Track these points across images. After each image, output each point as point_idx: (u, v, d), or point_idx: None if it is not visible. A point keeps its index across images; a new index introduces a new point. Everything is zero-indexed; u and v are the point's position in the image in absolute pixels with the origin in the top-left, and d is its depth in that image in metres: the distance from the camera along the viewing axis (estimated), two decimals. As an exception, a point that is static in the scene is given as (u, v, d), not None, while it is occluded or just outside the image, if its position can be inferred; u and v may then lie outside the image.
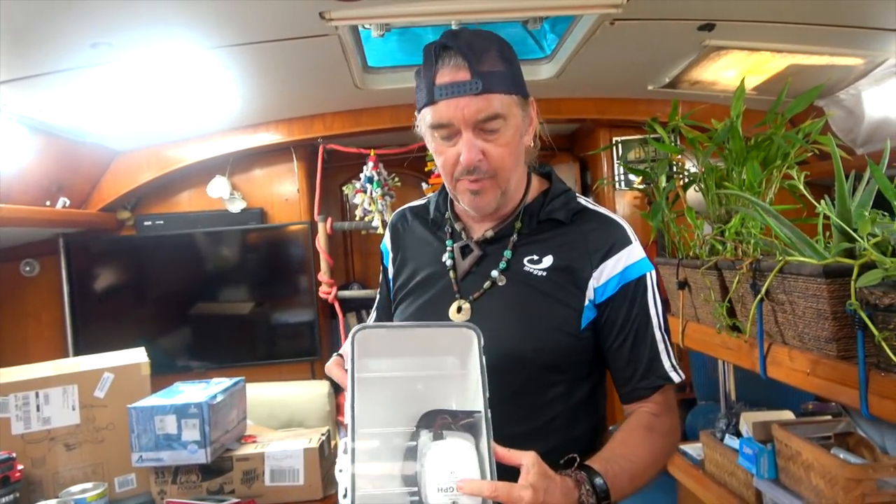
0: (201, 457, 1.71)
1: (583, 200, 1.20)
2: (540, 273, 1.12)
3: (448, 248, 1.21)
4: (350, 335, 0.97)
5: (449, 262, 1.19)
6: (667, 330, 1.14)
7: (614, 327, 1.11)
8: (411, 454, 0.94)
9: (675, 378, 1.12)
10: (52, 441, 1.76)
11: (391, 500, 0.90)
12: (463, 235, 1.21)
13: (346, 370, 0.94)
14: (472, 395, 0.96)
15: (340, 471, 0.92)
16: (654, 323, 1.12)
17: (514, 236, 1.16)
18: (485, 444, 0.90)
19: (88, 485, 1.68)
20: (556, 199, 1.18)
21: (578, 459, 0.99)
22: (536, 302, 1.11)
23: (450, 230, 1.23)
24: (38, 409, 1.76)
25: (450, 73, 1.05)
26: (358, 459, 0.89)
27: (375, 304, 1.39)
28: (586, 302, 1.11)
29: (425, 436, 0.93)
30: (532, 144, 1.16)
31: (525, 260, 1.14)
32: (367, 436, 0.92)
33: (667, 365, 1.12)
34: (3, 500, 1.56)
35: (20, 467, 1.63)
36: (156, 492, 1.76)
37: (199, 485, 1.77)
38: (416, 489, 0.91)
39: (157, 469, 1.76)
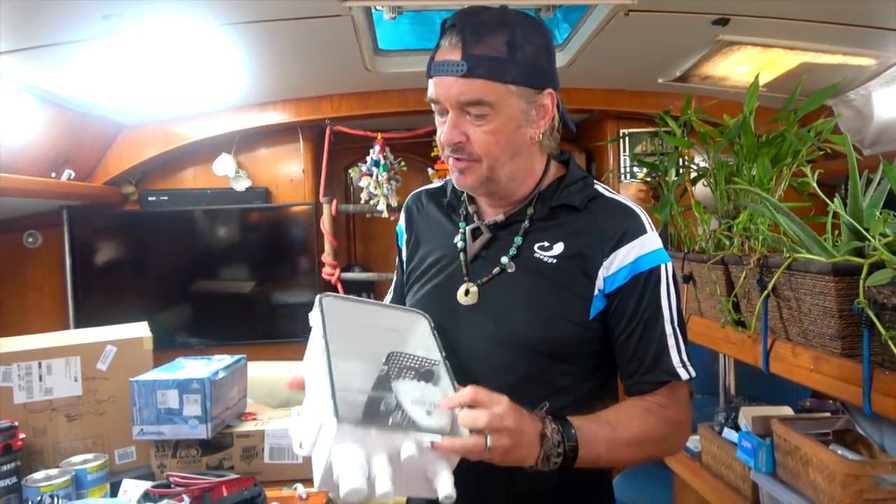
0: (202, 432, 1.71)
1: (600, 187, 1.18)
2: (550, 260, 1.11)
3: (461, 231, 1.20)
4: (317, 300, 1.03)
5: (460, 245, 1.19)
6: (681, 325, 1.11)
7: (622, 318, 1.09)
8: (381, 383, 0.99)
9: (683, 375, 1.09)
10: (53, 411, 1.77)
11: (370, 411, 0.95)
12: (475, 218, 1.20)
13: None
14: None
15: (298, 414, 0.94)
16: (665, 316, 1.09)
17: (526, 222, 1.15)
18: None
19: (89, 456, 1.69)
20: (571, 186, 1.16)
21: (548, 405, 0.99)
22: (544, 290, 1.10)
23: (464, 213, 1.22)
24: (40, 380, 1.76)
25: (446, 51, 1.06)
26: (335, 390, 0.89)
27: (392, 286, 1.39)
28: (595, 291, 1.09)
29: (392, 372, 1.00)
30: (540, 138, 1.12)
31: (535, 246, 1.13)
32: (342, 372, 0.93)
33: (675, 360, 1.09)
34: (5, 467, 1.56)
35: (22, 436, 1.63)
36: (156, 465, 1.77)
37: (199, 460, 1.77)
38: (391, 399, 0.95)
39: (157, 443, 1.76)
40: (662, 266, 1.10)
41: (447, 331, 1.15)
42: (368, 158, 3.10)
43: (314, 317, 1.03)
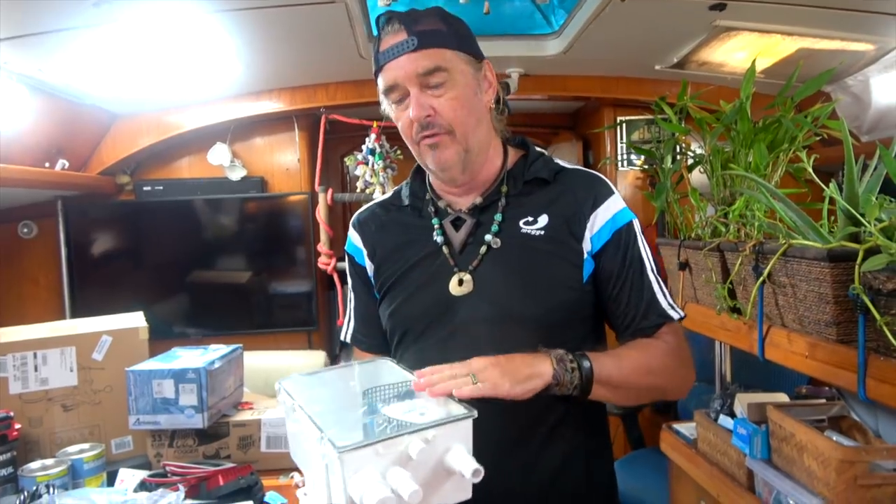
0: (198, 422, 1.72)
1: (561, 161, 1.23)
2: (538, 233, 1.15)
3: (436, 226, 1.20)
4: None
5: (440, 239, 1.19)
6: (658, 272, 1.19)
7: (613, 273, 1.15)
8: (367, 413, 0.99)
9: (674, 315, 1.16)
10: (49, 401, 1.77)
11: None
12: (448, 210, 1.21)
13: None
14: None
15: (305, 494, 0.93)
16: (647, 266, 1.16)
17: (503, 200, 1.18)
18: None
19: (86, 445, 1.69)
20: (536, 161, 1.21)
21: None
22: (539, 263, 1.13)
23: (433, 209, 1.23)
24: (35, 370, 1.76)
25: (390, 38, 1.11)
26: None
27: (352, 314, 1.36)
28: (585, 255, 1.14)
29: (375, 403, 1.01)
30: (493, 106, 1.19)
31: (521, 222, 1.16)
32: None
33: (664, 304, 1.16)
34: (1, 458, 1.56)
35: (17, 426, 1.63)
36: (152, 454, 1.77)
37: (196, 449, 1.78)
38: (381, 418, 0.95)
39: (154, 432, 1.76)
40: (633, 221, 1.18)
41: (445, 326, 1.16)
42: (364, 147, 3.08)
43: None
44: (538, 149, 1.26)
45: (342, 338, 1.38)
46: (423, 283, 1.19)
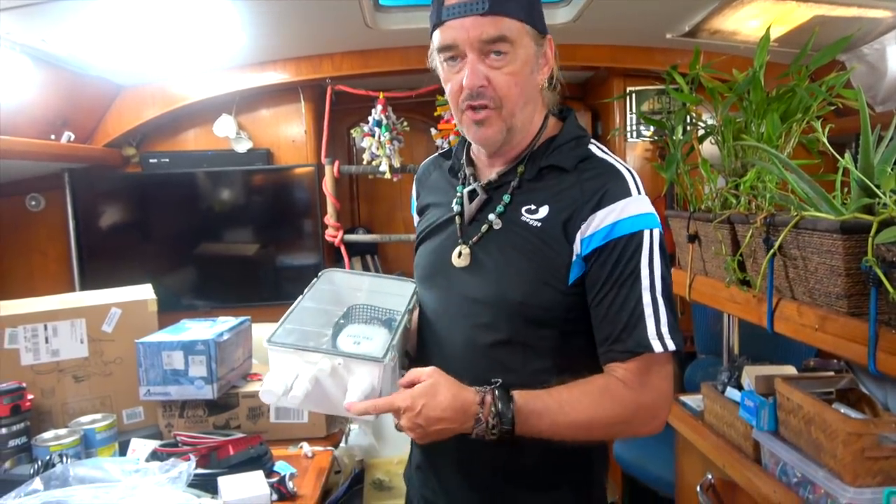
0: (208, 392, 1.73)
1: (594, 147, 1.15)
2: (535, 224, 1.10)
3: (458, 194, 1.21)
4: (320, 274, 1.27)
5: (457, 208, 1.20)
6: (666, 295, 1.05)
7: (597, 283, 1.05)
8: (334, 326, 1.22)
9: (657, 347, 1.01)
10: (60, 372, 1.79)
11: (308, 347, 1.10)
12: (471, 180, 1.20)
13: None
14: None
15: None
16: (643, 284, 1.03)
17: (515, 181, 1.14)
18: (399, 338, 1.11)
19: (98, 416, 1.72)
20: (563, 146, 1.14)
21: (500, 381, 1.03)
22: (528, 253, 1.10)
23: (463, 176, 1.23)
24: (46, 342, 1.78)
25: None
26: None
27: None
28: (574, 256, 1.07)
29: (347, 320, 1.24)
30: (546, 85, 1.13)
31: (523, 209, 1.12)
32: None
33: (651, 331, 1.02)
34: (14, 427, 1.59)
35: (30, 397, 1.65)
36: (163, 425, 1.80)
37: (206, 419, 1.80)
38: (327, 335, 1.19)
39: (164, 403, 1.79)
40: (646, 232, 1.05)
41: (441, 292, 1.18)
42: (370, 118, 3.05)
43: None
44: (577, 129, 1.17)
45: None
46: (436, 246, 1.22)
